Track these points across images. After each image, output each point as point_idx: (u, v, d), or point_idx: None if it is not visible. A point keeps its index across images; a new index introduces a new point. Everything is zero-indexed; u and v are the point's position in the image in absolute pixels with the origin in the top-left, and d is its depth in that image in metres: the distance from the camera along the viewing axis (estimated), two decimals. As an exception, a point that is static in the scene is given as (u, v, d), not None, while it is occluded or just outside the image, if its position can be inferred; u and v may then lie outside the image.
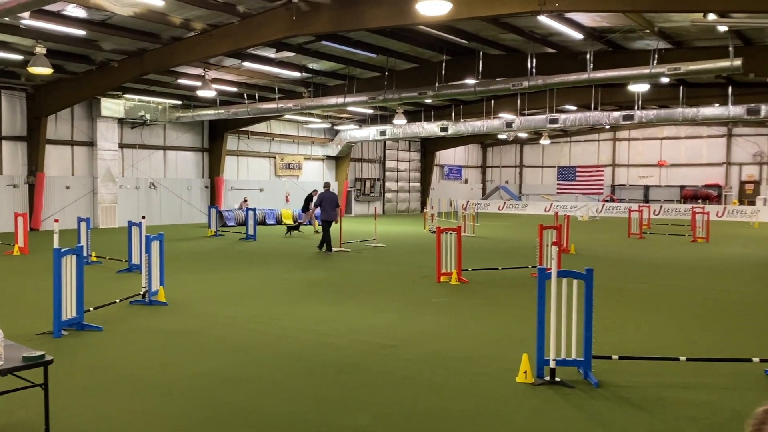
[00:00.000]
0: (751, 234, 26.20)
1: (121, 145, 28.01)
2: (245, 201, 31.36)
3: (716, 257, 17.16)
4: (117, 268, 13.87)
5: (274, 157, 34.42)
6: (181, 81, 24.12)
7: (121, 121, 27.55)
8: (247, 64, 22.05)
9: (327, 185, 17.85)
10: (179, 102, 27.97)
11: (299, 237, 23.06)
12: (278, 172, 34.47)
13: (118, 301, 9.91)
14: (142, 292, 10.05)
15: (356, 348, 7.33)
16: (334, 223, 17.72)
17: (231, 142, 32.26)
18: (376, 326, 8.51)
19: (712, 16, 14.35)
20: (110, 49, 20.01)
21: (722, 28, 16.23)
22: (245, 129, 32.47)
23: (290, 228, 23.28)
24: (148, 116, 26.94)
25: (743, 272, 14.33)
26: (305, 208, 25.76)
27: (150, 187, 29.20)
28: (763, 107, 24.22)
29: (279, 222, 30.03)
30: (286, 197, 34.38)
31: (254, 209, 22.19)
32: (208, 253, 17.39)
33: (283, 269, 13.87)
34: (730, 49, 16.75)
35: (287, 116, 31.83)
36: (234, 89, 25.86)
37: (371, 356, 6.97)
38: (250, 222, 21.37)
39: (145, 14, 16.36)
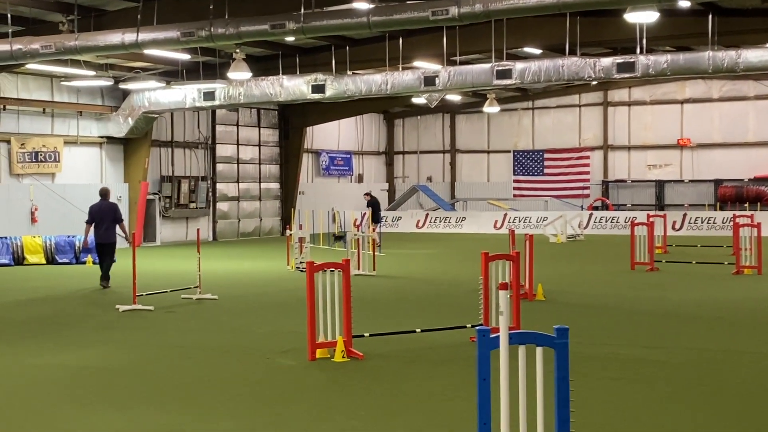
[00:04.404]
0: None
1: None
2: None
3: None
4: None
5: (8, 141, 22.00)
6: None
7: None
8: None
9: (105, 193, 14.15)
10: None
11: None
12: (15, 168, 22.12)
13: None
14: None
15: None
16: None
17: None
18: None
19: None
20: None
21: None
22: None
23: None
24: None
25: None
26: (376, 219, 21.28)
27: None
28: None
29: (18, 260, 18.00)
30: (32, 213, 22.28)
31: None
32: None
33: (27, 346, 8.93)
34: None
35: (31, 66, 19.74)
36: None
37: None
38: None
39: None
